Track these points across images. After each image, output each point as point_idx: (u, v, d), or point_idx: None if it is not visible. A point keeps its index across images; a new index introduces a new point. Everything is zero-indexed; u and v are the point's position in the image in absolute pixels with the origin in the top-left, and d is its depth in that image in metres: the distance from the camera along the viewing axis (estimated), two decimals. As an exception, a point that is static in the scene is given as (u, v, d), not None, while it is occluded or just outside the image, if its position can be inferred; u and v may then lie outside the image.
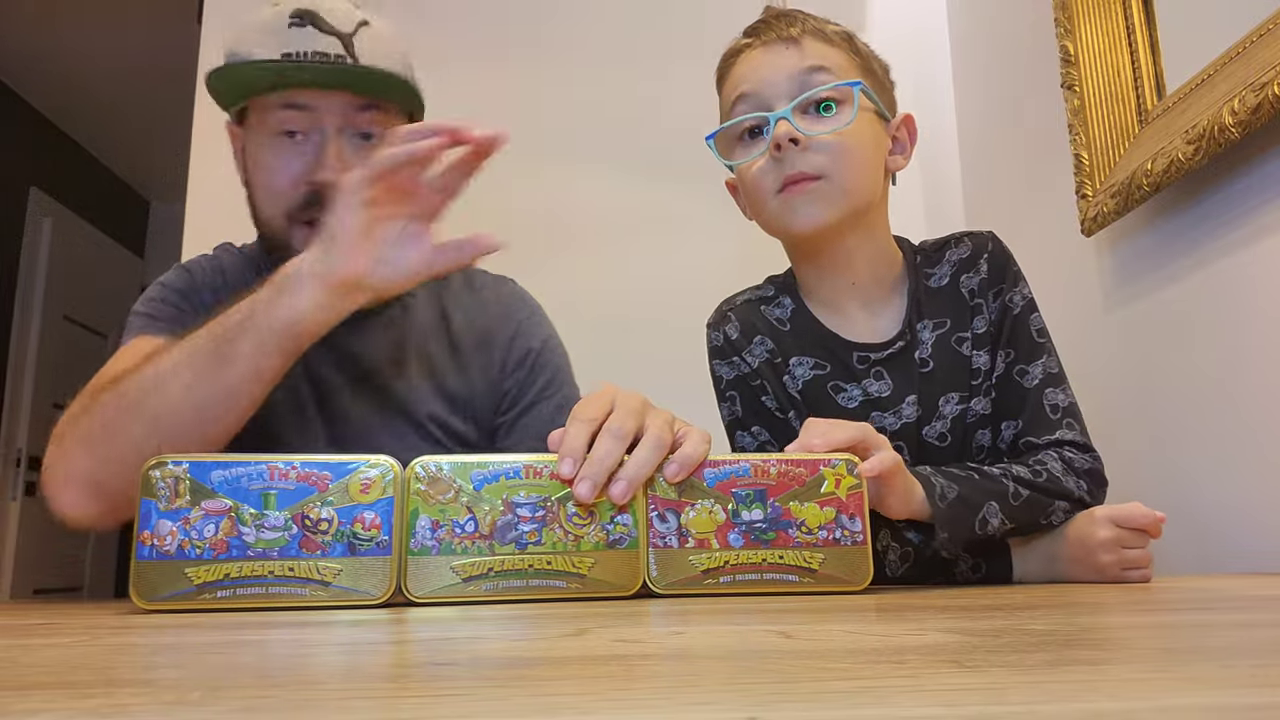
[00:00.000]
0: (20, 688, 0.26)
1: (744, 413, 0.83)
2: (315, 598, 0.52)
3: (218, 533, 0.52)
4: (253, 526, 0.52)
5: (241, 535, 0.52)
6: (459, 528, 0.55)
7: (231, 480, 0.52)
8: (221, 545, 0.52)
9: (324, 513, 0.53)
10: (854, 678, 0.26)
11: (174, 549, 0.51)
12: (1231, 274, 0.98)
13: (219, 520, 0.52)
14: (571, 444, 0.56)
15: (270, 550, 0.52)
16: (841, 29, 0.83)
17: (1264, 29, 0.91)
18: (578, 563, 0.55)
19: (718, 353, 0.86)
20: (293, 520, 0.52)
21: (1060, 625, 0.40)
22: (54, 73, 3.38)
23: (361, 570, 0.53)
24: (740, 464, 0.58)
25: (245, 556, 0.52)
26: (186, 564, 0.51)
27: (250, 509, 0.52)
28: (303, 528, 0.52)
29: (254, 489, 0.52)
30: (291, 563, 0.52)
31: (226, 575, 0.51)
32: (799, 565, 0.57)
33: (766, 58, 0.80)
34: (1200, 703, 0.23)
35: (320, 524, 0.52)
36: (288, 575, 0.52)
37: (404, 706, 0.24)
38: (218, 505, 0.52)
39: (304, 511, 0.53)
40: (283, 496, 0.53)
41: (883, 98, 0.82)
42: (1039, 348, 0.81)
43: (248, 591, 0.52)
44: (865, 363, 0.82)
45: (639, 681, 0.27)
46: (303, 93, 0.81)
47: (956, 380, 0.81)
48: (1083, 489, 0.74)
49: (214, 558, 0.51)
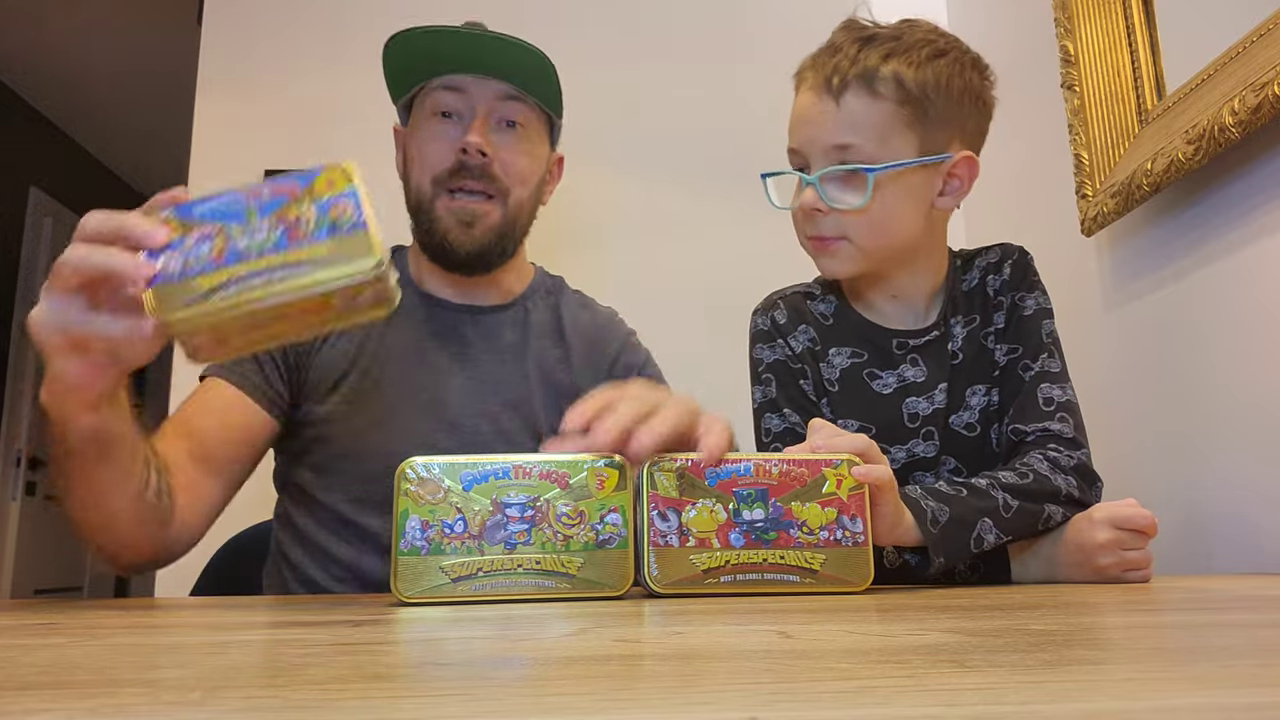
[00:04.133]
0: (20, 688, 0.26)
1: (778, 395, 0.85)
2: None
3: (213, 250, 0.53)
4: (243, 237, 0.53)
5: (234, 244, 0.53)
6: (448, 528, 0.55)
7: (217, 207, 0.54)
8: (219, 256, 0.52)
9: (304, 210, 0.54)
10: (854, 678, 0.26)
11: (178, 270, 0.52)
12: (1231, 274, 0.98)
13: (211, 240, 0.53)
14: (584, 403, 0.58)
15: (265, 248, 0.52)
16: (900, 67, 0.77)
17: (1264, 29, 0.91)
18: (566, 562, 0.55)
19: (762, 336, 0.89)
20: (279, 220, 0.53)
21: (1060, 625, 0.40)
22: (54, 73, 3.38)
23: (341, 248, 0.52)
24: (742, 463, 0.58)
25: (242, 260, 0.52)
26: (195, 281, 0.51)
27: (236, 225, 0.53)
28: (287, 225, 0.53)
29: (236, 210, 0.54)
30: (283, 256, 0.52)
31: (230, 278, 0.52)
32: (800, 565, 0.57)
33: (811, 111, 0.80)
34: (1200, 703, 0.23)
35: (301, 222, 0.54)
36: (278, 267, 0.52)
37: (404, 706, 0.24)
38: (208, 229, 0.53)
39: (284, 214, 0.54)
40: (264, 210, 0.54)
41: (942, 133, 0.79)
42: (1044, 347, 0.83)
43: (249, 287, 0.52)
44: (903, 348, 0.85)
45: (639, 681, 0.27)
46: (460, 78, 0.91)
47: (981, 373, 0.84)
48: (1071, 485, 0.74)
49: (215, 270, 0.52)
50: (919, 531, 0.65)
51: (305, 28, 1.70)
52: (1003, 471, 0.74)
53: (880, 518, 0.62)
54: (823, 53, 0.82)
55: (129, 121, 3.72)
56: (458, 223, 0.91)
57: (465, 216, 0.91)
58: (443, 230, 0.91)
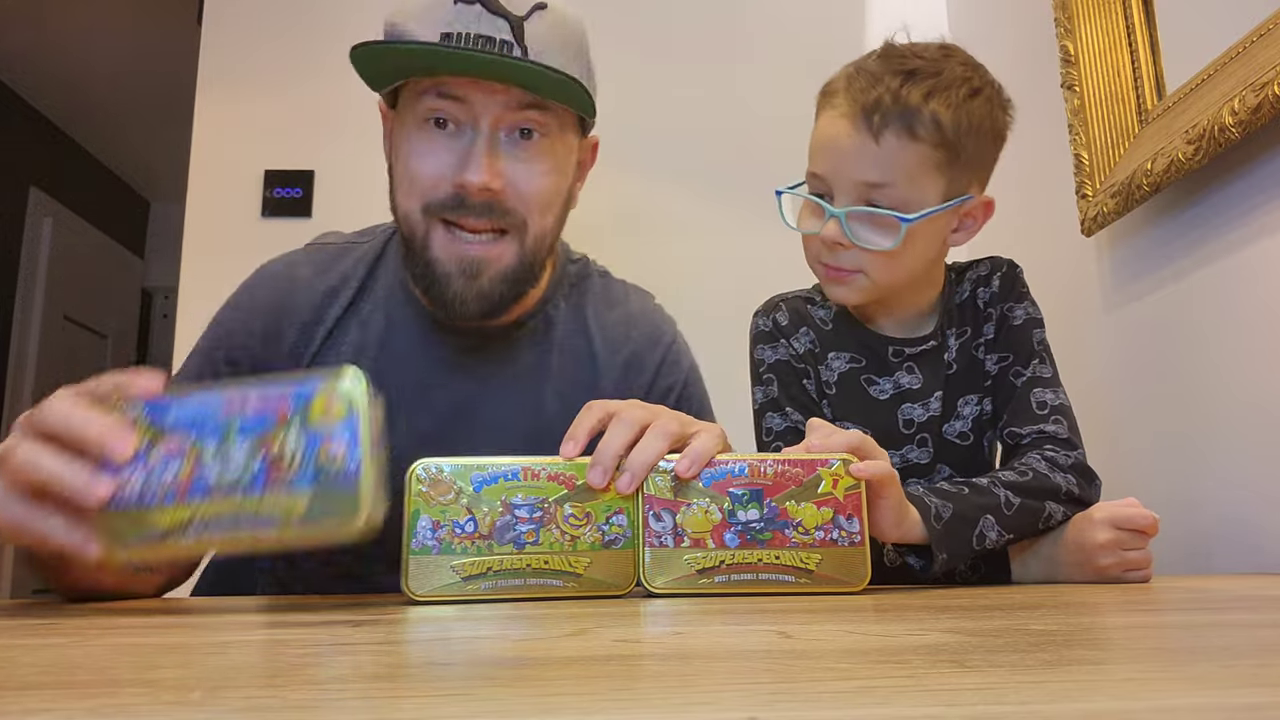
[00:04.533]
0: (20, 688, 0.26)
1: (780, 394, 0.86)
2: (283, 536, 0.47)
3: (180, 475, 0.47)
4: (215, 462, 0.47)
5: (204, 471, 0.47)
6: (459, 528, 0.55)
7: (190, 416, 0.48)
8: (184, 486, 0.47)
9: (290, 442, 0.47)
10: (854, 678, 0.26)
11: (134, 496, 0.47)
12: (1231, 274, 0.98)
13: (179, 461, 0.48)
14: (576, 428, 0.58)
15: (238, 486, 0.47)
16: (939, 108, 0.75)
17: (1264, 29, 0.91)
18: (574, 562, 0.56)
19: (764, 337, 0.89)
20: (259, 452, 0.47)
21: (1060, 625, 0.40)
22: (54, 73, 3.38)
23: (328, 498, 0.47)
24: (736, 464, 0.58)
25: (208, 497, 0.47)
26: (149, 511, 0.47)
27: (210, 445, 0.48)
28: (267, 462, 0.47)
29: (215, 422, 0.48)
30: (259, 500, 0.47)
31: (192, 518, 0.47)
32: (795, 565, 0.57)
33: (845, 142, 0.76)
34: (1200, 703, 0.23)
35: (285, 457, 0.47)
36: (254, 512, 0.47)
37: (405, 706, 0.24)
38: (177, 445, 0.48)
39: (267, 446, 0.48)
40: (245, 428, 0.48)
41: (966, 176, 0.78)
42: (1035, 353, 0.84)
43: (209, 535, 0.47)
44: (899, 356, 0.86)
45: (639, 681, 0.27)
46: (458, 82, 0.71)
47: (973, 383, 0.85)
48: (1071, 483, 0.74)
49: (176, 503, 0.47)
50: (924, 529, 0.65)
51: (305, 28, 1.70)
52: (1002, 471, 0.74)
53: (885, 512, 0.62)
54: (860, 78, 0.77)
55: (129, 121, 3.71)
56: (460, 271, 0.74)
57: (468, 267, 0.74)
58: (441, 275, 0.74)
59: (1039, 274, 0.94)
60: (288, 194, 1.64)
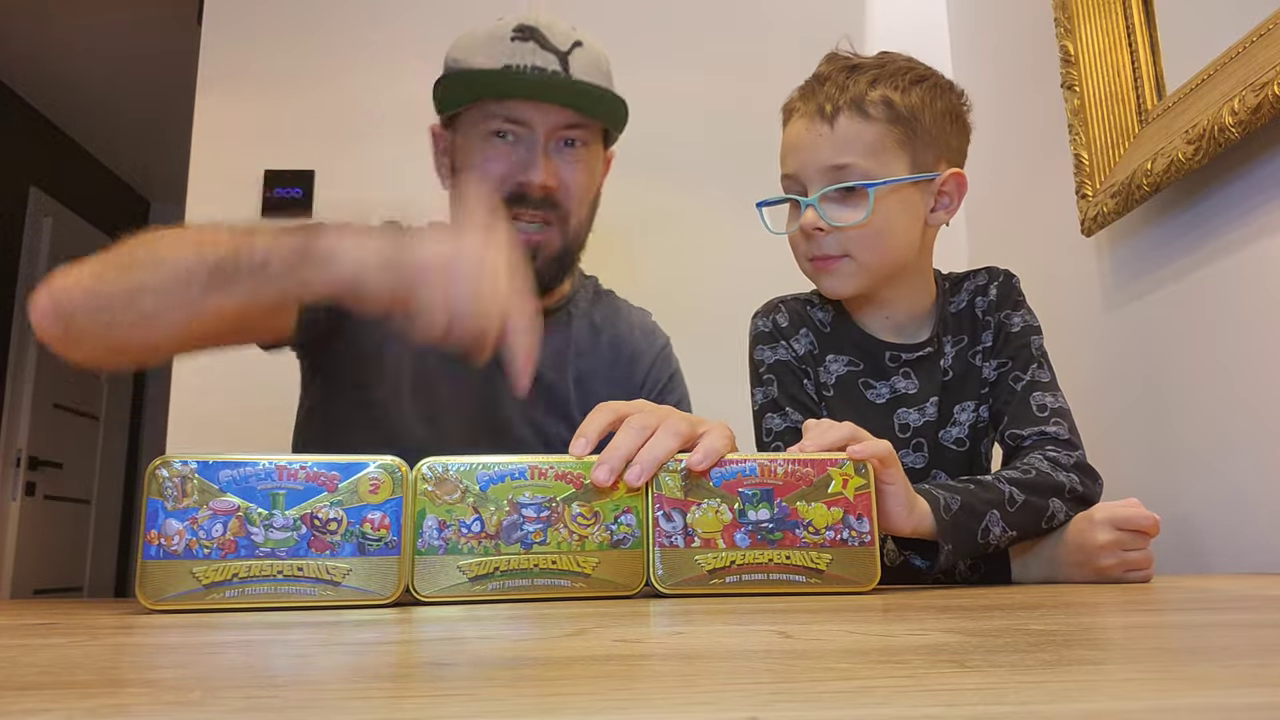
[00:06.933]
0: (20, 688, 0.26)
1: (780, 394, 0.86)
2: (324, 597, 0.52)
3: (226, 533, 0.51)
4: (261, 526, 0.52)
5: (250, 535, 0.51)
6: (465, 528, 0.55)
7: (240, 480, 0.52)
8: (230, 545, 0.51)
9: (333, 513, 0.52)
10: (854, 678, 0.26)
11: (181, 549, 0.51)
12: (1231, 274, 0.98)
13: (227, 520, 0.51)
14: (588, 426, 0.59)
15: (279, 550, 0.51)
16: (887, 91, 0.80)
17: (1264, 29, 0.91)
18: (582, 562, 0.55)
19: (764, 338, 0.90)
20: (301, 520, 0.52)
21: (1060, 625, 0.40)
22: (54, 73, 3.38)
23: (371, 570, 0.52)
24: (747, 463, 0.58)
25: (254, 556, 0.51)
26: (194, 563, 0.51)
27: (259, 509, 0.52)
28: (311, 528, 0.52)
29: (263, 489, 0.52)
30: (301, 562, 0.52)
31: (235, 575, 0.51)
32: (806, 565, 0.57)
33: (806, 137, 0.82)
34: (1200, 703, 0.23)
35: (329, 524, 0.52)
36: (297, 575, 0.52)
37: (405, 707, 0.24)
38: (226, 505, 0.52)
39: (313, 511, 0.52)
40: (291, 496, 0.52)
41: (929, 152, 0.82)
42: (1034, 359, 0.85)
43: (256, 591, 0.51)
44: (896, 361, 0.87)
45: (639, 681, 0.27)
46: (520, 104, 0.86)
47: (970, 390, 0.86)
48: (1074, 480, 0.75)
49: (222, 557, 0.51)
50: (934, 520, 0.65)
51: (305, 28, 1.70)
52: (1006, 470, 0.75)
53: (895, 497, 0.62)
54: (810, 85, 0.84)
55: (129, 121, 3.72)
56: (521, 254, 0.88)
57: (526, 250, 0.86)
58: None
59: (1039, 274, 0.94)
60: (288, 194, 1.64)
